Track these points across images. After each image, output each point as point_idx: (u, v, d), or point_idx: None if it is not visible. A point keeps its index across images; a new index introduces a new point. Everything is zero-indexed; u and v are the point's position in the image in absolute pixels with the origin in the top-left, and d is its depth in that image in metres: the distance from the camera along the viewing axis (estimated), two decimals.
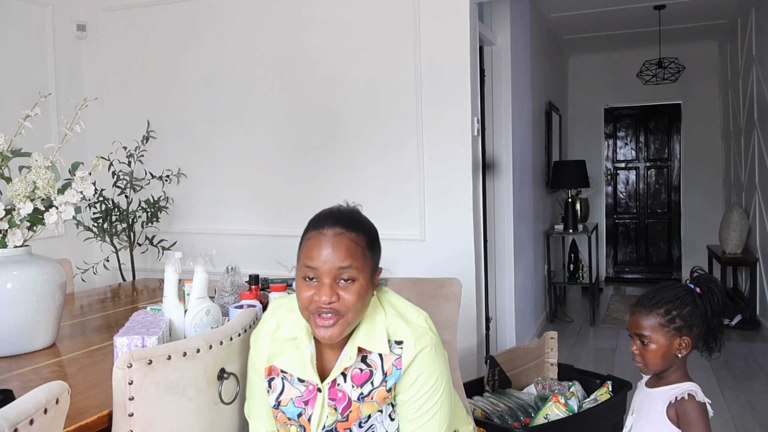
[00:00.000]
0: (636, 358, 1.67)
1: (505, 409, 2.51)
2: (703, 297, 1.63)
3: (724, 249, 5.62)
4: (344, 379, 1.36)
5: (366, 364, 1.36)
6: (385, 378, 1.35)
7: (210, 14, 3.70)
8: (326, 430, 1.36)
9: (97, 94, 3.77)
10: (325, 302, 1.28)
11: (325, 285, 1.28)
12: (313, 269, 1.29)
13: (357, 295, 1.30)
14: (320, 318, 1.29)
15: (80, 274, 3.62)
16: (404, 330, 1.35)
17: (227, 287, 2.21)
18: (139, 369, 1.29)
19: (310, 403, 1.38)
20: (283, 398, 1.40)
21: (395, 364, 1.35)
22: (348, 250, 1.29)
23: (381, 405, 1.36)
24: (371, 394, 1.35)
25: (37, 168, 1.81)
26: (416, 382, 1.35)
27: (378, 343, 1.35)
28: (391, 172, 3.33)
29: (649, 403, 1.67)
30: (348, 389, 1.36)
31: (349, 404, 1.35)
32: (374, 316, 1.38)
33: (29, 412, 0.99)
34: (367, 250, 1.34)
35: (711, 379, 3.92)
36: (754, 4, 5.12)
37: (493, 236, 4.06)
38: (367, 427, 1.36)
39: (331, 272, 1.28)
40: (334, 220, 1.33)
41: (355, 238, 1.32)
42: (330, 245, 1.29)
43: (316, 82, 3.48)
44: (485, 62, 3.91)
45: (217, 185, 3.74)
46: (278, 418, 1.42)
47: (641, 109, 7.47)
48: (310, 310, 1.31)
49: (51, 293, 1.86)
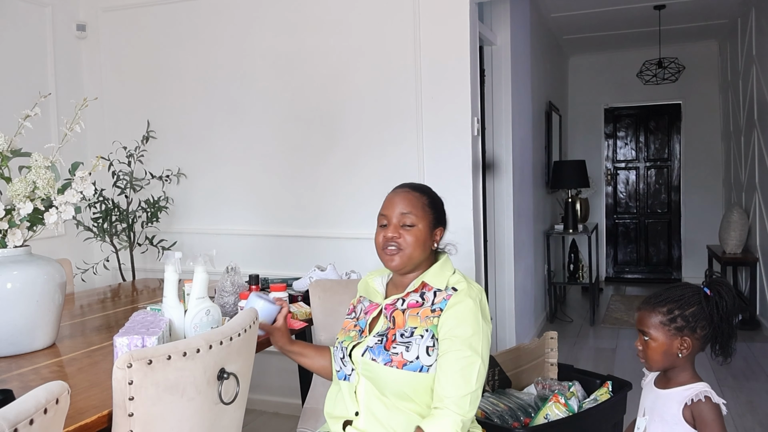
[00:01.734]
0: (639, 353, 1.69)
1: (505, 409, 2.51)
2: (710, 300, 1.62)
3: (724, 249, 5.62)
4: (402, 302, 1.70)
5: (422, 298, 1.69)
6: (433, 305, 1.66)
7: (210, 14, 3.70)
8: (379, 333, 1.69)
9: (97, 94, 3.76)
10: (389, 237, 1.68)
11: (392, 225, 1.70)
12: (384, 216, 1.72)
13: (415, 238, 1.68)
14: (387, 251, 1.69)
15: (80, 274, 3.62)
16: (463, 283, 1.68)
17: (227, 287, 2.21)
18: (139, 369, 1.29)
19: (371, 312, 1.77)
20: (360, 313, 1.82)
21: (445, 298, 1.66)
22: (410, 202, 1.70)
23: (423, 322, 1.64)
24: (417, 314, 1.66)
25: (37, 168, 1.81)
26: (455, 324, 1.61)
27: (441, 282, 1.69)
28: (391, 172, 3.33)
29: (662, 404, 1.66)
30: (402, 308, 1.70)
31: (401, 318, 1.69)
32: (444, 269, 1.73)
33: (29, 412, 0.99)
34: (427, 206, 1.73)
35: (711, 379, 3.92)
36: (754, 4, 5.12)
37: (493, 236, 4.06)
38: (407, 339, 1.63)
39: (397, 216, 1.69)
40: (405, 185, 1.77)
41: (419, 195, 1.73)
42: (398, 198, 1.72)
43: (316, 82, 3.48)
44: (485, 62, 3.91)
45: (217, 185, 3.74)
46: (347, 327, 1.80)
47: (641, 109, 7.47)
48: (381, 246, 1.71)
49: (51, 293, 1.86)
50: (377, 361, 1.63)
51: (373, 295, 1.80)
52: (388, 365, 1.60)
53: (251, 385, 1.70)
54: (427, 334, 1.62)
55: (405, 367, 1.59)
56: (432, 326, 1.63)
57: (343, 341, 1.76)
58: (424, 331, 1.63)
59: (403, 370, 1.59)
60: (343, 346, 1.74)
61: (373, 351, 1.65)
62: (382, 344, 1.65)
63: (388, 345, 1.64)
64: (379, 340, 1.66)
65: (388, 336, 1.66)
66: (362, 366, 1.66)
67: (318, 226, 3.52)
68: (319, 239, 3.49)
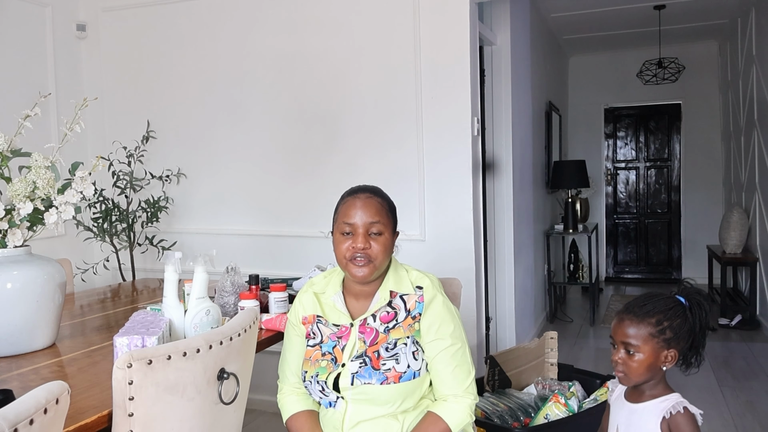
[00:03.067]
0: (618, 367, 1.59)
1: (505, 409, 2.51)
2: (693, 310, 1.58)
3: (724, 249, 5.62)
4: (374, 319, 1.68)
5: (391, 307, 1.68)
6: (409, 313, 1.67)
7: (210, 14, 3.70)
8: (357, 355, 1.65)
9: (97, 94, 3.76)
10: (359, 248, 1.62)
11: (359, 235, 1.63)
12: (350, 225, 1.65)
13: (383, 246, 1.65)
14: (355, 261, 1.63)
15: (80, 274, 3.62)
16: (423, 279, 1.71)
17: (227, 287, 2.21)
18: (139, 369, 1.28)
19: (344, 337, 1.69)
20: (324, 337, 1.72)
21: (418, 300, 1.67)
22: (377, 209, 1.66)
23: (406, 331, 1.65)
24: (397, 326, 1.66)
25: (37, 168, 1.81)
26: (439, 325, 1.65)
27: (404, 286, 1.70)
28: (390, 172, 3.33)
29: (638, 419, 1.60)
30: (376, 326, 1.67)
31: (377, 336, 1.66)
32: (398, 270, 1.74)
33: (29, 412, 0.99)
34: (389, 212, 1.71)
35: (711, 379, 3.92)
36: (754, 4, 5.12)
37: (493, 236, 4.06)
38: (392, 352, 1.63)
39: (365, 225, 1.64)
40: (363, 189, 1.72)
41: (381, 201, 1.70)
42: (363, 205, 1.66)
43: (316, 82, 3.48)
44: (485, 62, 3.91)
45: (217, 185, 3.74)
46: (312, 357, 1.71)
47: (641, 109, 7.47)
48: (347, 257, 1.65)
49: (51, 293, 1.86)
50: (372, 383, 1.62)
51: (337, 317, 1.73)
52: (385, 383, 1.61)
53: (251, 385, 1.70)
54: (409, 341, 1.65)
55: (401, 379, 1.62)
56: (415, 332, 1.66)
57: (316, 375, 1.69)
58: (406, 338, 1.65)
59: (400, 383, 1.62)
60: (319, 380, 1.68)
61: (362, 376, 1.63)
62: (368, 365, 1.63)
63: (376, 363, 1.63)
64: (363, 362, 1.64)
65: (369, 356, 1.64)
66: (353, 393, 1.64)
67: (318, 226, 3.51)
68: (319, 239, 3.49)
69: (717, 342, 4.79)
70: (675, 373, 1.64)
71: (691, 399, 1.59)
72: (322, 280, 1.81)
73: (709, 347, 1.68)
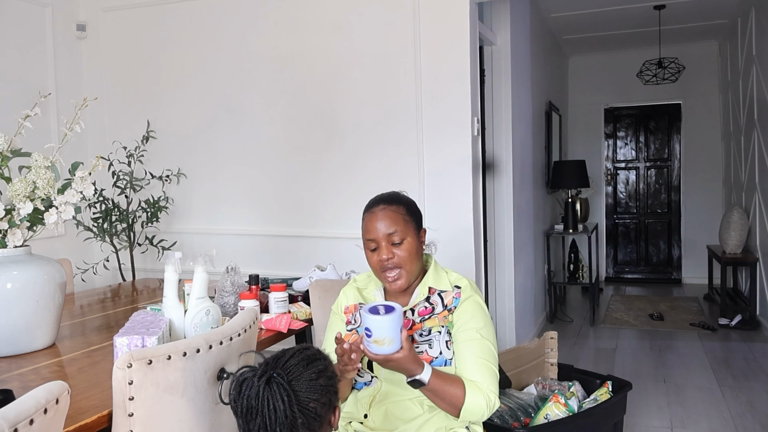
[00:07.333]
0: None
1: (505, 409, 2.51)
2: None
3: (724, 249, 5.61)
4: (412, 312, 1.75)
5: (429, 303, 1.75)
6: (445, 307, 1.74)
7: (210, 14, 3.70)
8: None
9: (97, 94, 3.76)
10: (385, 259, 1.69)
11: (383, 247, 1.70)
12: (372, 240, 1.72)
13: (407, 252, 1.70)
14: (388, 273, 1.71)
15: (80, 274, 3.62)
16: (462, 280, 1.79)
17: (227, 287, 2.21)
18: (139, 369, 1.28)
19: None
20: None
21: (455, 296, 1.75)
22: (391, 219, 1.71)
23: (440, 322, 1.72)
24: (432, 316, 1.73)
25: (37, 168, 1.81)
26: (469, 318, 1.71)
27: (443, 284, 1.77)
28: (390, 172, 3.33)
29: None
30: (413, 318, 1.74)
31: (412, 324, 1.73)
32: (438, 271, 1.81)
33: (29, 412, 0.99)
34: (407, 216, 1.74)
35: (711, 379, 3.91)
36: (754, 4, 5.12)
37: (493, 236, 4.06)
38: (426, 338, 1.71)
39: (385, 237, 1.70)
40: (378, 201, 1.76)
41: (396, 208, 1.73)
42: (380, 218, 1.71)
43: (316, 82, 3.48)
44: (485, 62, 3.91)
45: (217, 185, 3.74)
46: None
47: (641, 109, 7.46)
48: (379, 269, 1.72)
49: (51, 293, 1.86)
50: None
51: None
52: None
53: None
54: (443, 330, 1.71)
55: (432, 363, 1.66)
56: (448, 324, 1.73)
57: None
58: (441, 327, 1.71)
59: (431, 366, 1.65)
60: None
61: None
62: None
63: None
64: None
65: None
66: (387, 373, 1.69)
67: (318, 226, 3.52)
68: (319, 239, 3.49)
69: (717, 342, 4.79)
70: (675, 373, 1.64)
71: (691, 399, 1.59)
72: (366, 278, 1.89)
73: (709, 347, 1.68)
